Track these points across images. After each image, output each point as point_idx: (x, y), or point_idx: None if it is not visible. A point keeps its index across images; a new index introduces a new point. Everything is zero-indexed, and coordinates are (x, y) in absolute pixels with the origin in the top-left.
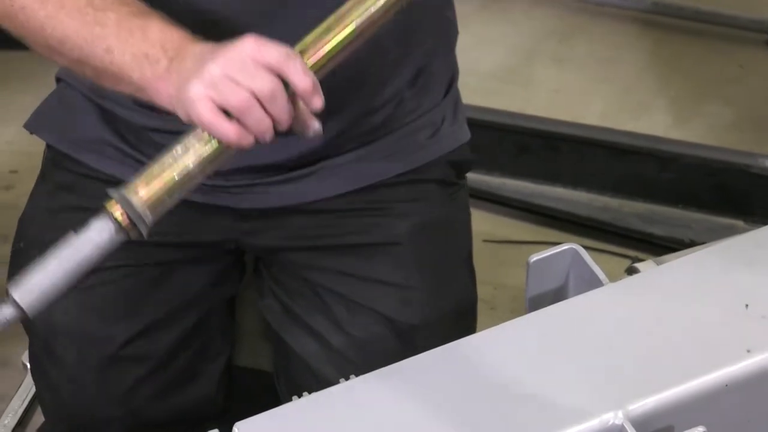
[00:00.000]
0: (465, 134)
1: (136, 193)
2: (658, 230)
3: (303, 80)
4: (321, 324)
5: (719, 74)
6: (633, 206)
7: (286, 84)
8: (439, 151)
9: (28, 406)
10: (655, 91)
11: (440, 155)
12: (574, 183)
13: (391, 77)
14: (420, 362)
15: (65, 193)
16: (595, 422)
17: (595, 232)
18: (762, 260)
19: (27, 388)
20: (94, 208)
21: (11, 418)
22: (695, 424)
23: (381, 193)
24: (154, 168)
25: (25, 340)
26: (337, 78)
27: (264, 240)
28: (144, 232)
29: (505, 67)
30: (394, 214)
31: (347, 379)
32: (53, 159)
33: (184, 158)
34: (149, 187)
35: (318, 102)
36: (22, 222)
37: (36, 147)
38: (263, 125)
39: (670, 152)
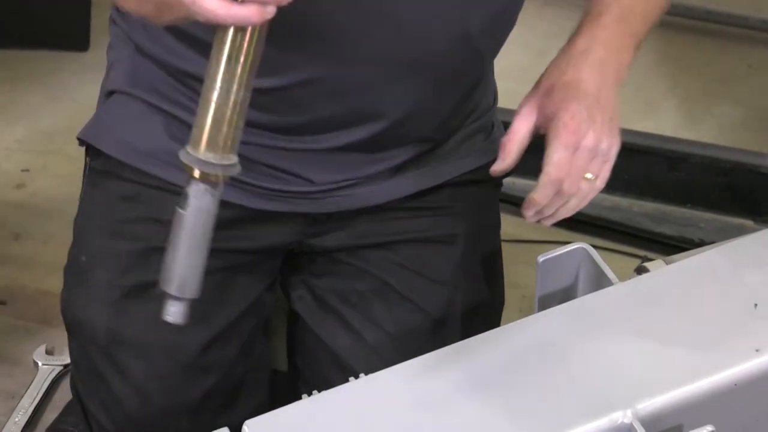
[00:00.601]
0: None
1: (200, 146)
2: (667, 230)
3: None
4: (356, 318)
5: (729, 74)
6: (642, 206)
7: None
8: (493, 154)
9: (38, 404)
10: (664, 91)
11: (494, 158)
12: None
13: (479, 82)
14: (429, 361)
15: (130, 203)
16: (604, 421)
17: (605, 231)
18: None
19: (37, 386)
20: (165, 220)
21: (22, 415)
22: (704, 423)
23: (445, 193)
24: (202, 110)
25: (35, 339)
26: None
27: (329, 241)
28: (234, 171)
29: (517, 66)
30: (454, 213)
31: (356, 377)
32: (106, 169)
33: (225, 83)
34: (209, 134)
35: None
36: (82, 234)
37: (46, 146)
38: None
39: (679, 152)
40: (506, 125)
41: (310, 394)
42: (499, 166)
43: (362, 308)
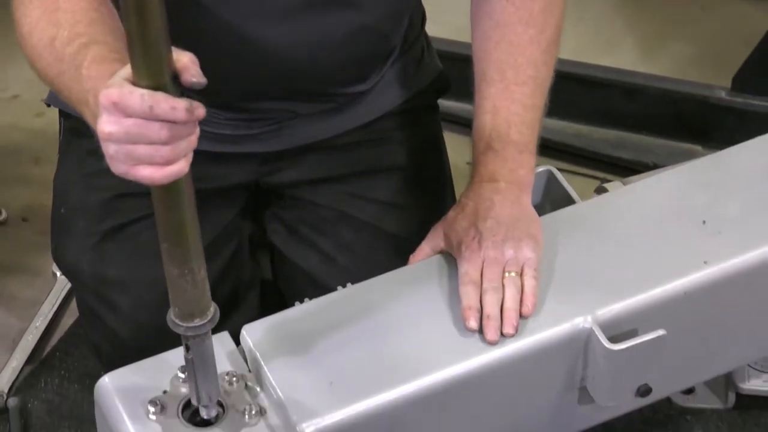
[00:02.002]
0: (438, 63)
1: (187, 318)
2: (624, 154)
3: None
4: (326, 244)
5: (682, 15)
6: (602, 133)
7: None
8: (426, 80)
9: (57, 310)
10: (623, 30)
11: (428, 83)
12: (550, 112)
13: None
14: (409, 272)
15: (94, 158)
16: (566, 326)
17: (569, 156)
18: (718, 181)
19: (56, 295)
20: None
21: (42, 321)
22: (657, 328)
23: (382, 124)
24: (175, 290)
25: None
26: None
27: (284, 177)
28: (216, 318)
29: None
30: (394, 141)
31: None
32: (74, 128)
33: (183, 258)
34: (191, 308)
35: (201, 111)
36: (60, 189)
37: None
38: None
39: (636, 84)
40: (455, 55)
41: (302, 302)
42: None
43: (331, 233)
